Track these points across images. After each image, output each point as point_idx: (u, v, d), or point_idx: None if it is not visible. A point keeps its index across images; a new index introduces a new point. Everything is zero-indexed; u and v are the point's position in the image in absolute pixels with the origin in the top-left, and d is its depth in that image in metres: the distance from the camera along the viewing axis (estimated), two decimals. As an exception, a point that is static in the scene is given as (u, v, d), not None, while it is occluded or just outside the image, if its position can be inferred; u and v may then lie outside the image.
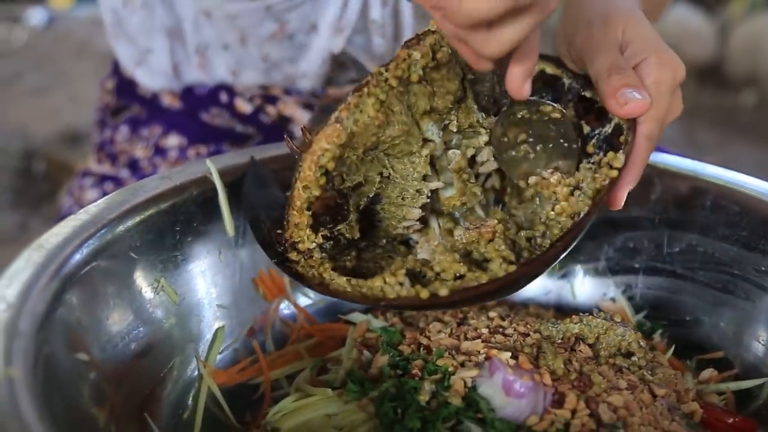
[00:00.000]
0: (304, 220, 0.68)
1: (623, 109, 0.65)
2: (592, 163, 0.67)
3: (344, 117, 0.66)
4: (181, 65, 1.13)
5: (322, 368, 0.76)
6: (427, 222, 0.72)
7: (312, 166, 0.66)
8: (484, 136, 0.71)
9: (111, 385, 0.64)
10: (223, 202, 0.78)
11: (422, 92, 0.69)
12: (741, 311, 0.76)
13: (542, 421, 0.61)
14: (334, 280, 0.66)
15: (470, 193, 0.72)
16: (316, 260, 0.67)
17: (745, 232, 0.76)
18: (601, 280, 0.84)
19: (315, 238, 0.68)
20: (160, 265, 0.73)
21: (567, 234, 0.63)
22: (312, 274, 0.67)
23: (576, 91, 0.70)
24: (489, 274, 0.64)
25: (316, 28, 1.06)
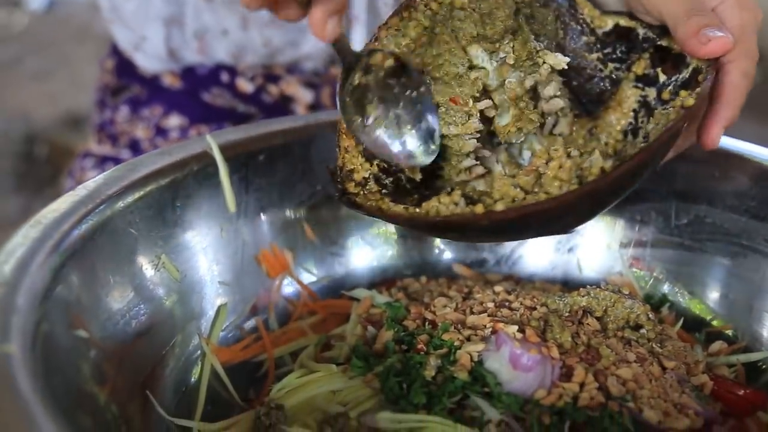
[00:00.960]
0: (352, 143, 0.66)
1: (705, 48, 0.62)
2: (666, 108, 0.65)
3: (383, 36, 0.65)
4: (178, 50, 1.11)
5: (326, 345, 0.76)
6: (491, 169, 0.69)
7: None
8: (545, 67, 0.69)
9: (112, 363, 0.63)
10: (224, 177, 0.76)
11: (468, 17, 0.67)
12: (750, 283, 0.75)
13: (550, 394, 0.60)
14: (391, 208, 0.64)
15: (527, 119, 0.70)
16: (375, 193, 0.66)
17: (754, 202, 0.74)
18: (609, 253, 0.83)
19: (370, 167, 0.66)
20: (160, 241, 0.72)
21: (635, 156, 0.60)
22: (370, 205, 0.65)
23: (652, 41, 0.67)
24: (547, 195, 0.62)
25: None
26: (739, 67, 0.64)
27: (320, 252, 0.84)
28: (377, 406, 0.63)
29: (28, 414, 0.47)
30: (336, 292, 0.82)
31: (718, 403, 0.65)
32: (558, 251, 0.86)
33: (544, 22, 0.69)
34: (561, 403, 0.60)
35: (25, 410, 0.47)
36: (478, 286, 0.77)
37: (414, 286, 0.82)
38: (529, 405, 0.60)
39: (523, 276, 0.86)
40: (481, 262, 0.87)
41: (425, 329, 0.68)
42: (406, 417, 0.60)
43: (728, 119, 0.65)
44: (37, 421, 0.47)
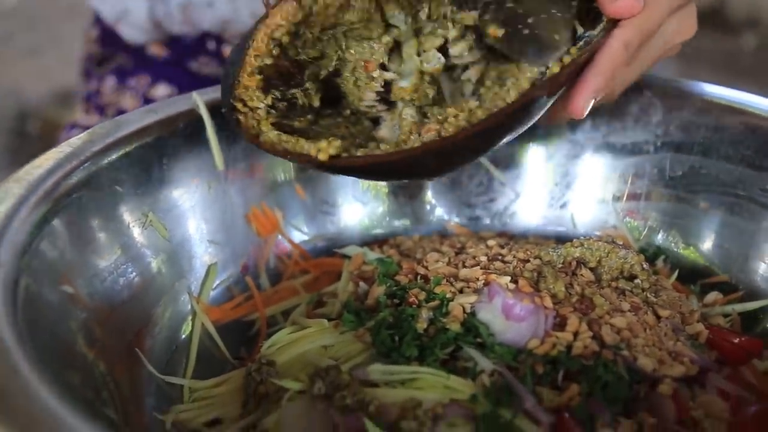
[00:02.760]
0: (253, 84, 0.68)
1: (611, 7, 0.61)
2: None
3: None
4: (163, 22, 1.10)
5: (319, 302, 0.75)
6: (394, 104, 0.71)
7: (265, 38, 0.67)
8: (454, 31, 0.69)
9: (99, 321, 0.62)
10: (212, 135, 0.75)
11: None
12: (746, 233, 0.74)
13: (543, 344, 0.60)
14: (266, 133, 0.66)
15: (422, 93, 0.70)
16: (260, 114, 0.67)
17: (749, 151, 0.73)
18: (603, 207, 0.82)
19: (264, 99, 0.68)
20: (147, 199, 0.71)
21: (482, 121, 0.61)
22: (251, 125, 0.67)
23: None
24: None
25: None
26: (622, 36, 0.62)
27: (311, 210, 0.83)
28: (369, 360, 0.62)
29: (10, 363, 0.46)
30: (328, 251, 0.81)
31: (714, 351, 0.64)
32: (551, 207, 0.85)
33: None
34: (554, 352, 0.59)
35: (7, 359, 0.46)
36: (471, 242, 0.76)
37: (406, 244, 0.81)
38: (522, 355, 0.59)
39: (516, 232, 0.85)
40: (475, 220, 0.86)
41: (417, 283, 0.67)
42: (398, 369, 0.60)
43: (596, 89, 0.62)
44: (20, 371, 0.46)
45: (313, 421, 0.57)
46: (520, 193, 0.86)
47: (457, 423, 0.55)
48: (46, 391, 0.45)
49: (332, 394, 0.57)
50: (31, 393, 0.45)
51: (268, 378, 0.61)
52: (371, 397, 0.57)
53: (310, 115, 0.71)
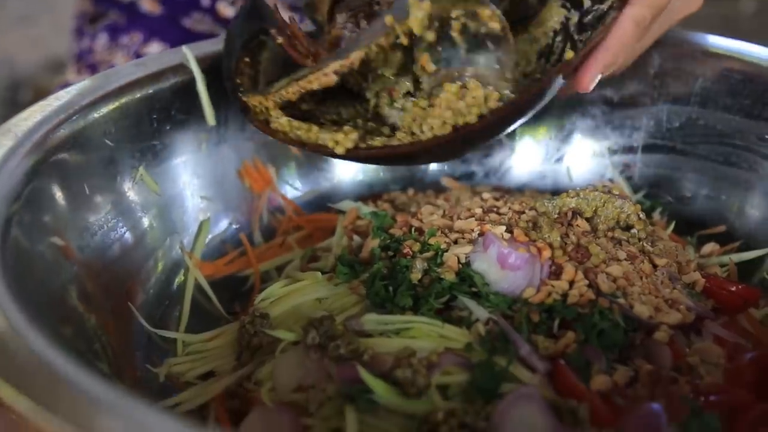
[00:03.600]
0: (270, 105, 0.66)
1: None
2: (580, 41, 0.64)
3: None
4: None
5: (313, 257, 0.74)
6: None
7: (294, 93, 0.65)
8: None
9: (91, 275, 0.61)
10: (202, 90, 0.74)
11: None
12: (743, 182, 0.73)
13: (539, 293, 0.59)
14: (277, 119, 0.65)
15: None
16: (289, 123, 0.66)
17: (747, 100, 0.72)
18: (599, 161, 0.82)
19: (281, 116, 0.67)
20: (137, 154, 0.70)
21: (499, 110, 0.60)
22: (259, 109, 0.66)
23: None
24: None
25: None
26: (633, 14, 0.61)
27: (305, 166, 0.82)
28: (363, 312, 0.62)
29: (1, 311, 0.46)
30: (322, 207, 0.81)
31: (710, 300, 0.63)
32: (547, 161, 0.84)
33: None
34: (550, 300, 0.58)
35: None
36: (466, 195, 0.75)
37: (401, 199, 0.80)
38: (517, 304, 0.59)
39: (512, 187, 0.84)
40: (470, 175, 0.86)
41: (412, 235, 0.66)
42: (392, 318, 0.59)
43: (605, 64, 0.62)
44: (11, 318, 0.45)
45: (307, 371, 0.56)
46: (515, 147, 0.85)
47: (453, 371, 0.55)
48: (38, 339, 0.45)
49: (326, 344, 0.57)
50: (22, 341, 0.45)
51: (262, 330, 0.61)
52: (365, 346, 0.57)
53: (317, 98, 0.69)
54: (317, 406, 0.54)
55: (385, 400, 0.52)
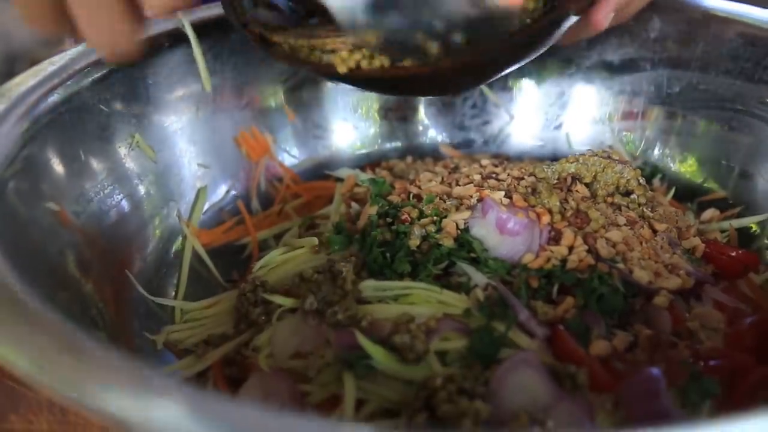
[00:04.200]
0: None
1: None
2: None
3: None
4: None
5: (311, 226, 0.74)
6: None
7: None
8: None
9: (87, 242, 0.61)
10: (198, 56, 0.73)
11: None
12: (745, 147, 0.72)
13: (538, 258, 0.59)
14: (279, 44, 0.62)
15: None
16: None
17: (748, 63, 0.71)
18: (598, 127, 0.81)
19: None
20: (133, 119, 0.69)
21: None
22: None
23: None
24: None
25: None
26: None
27: (302, 134, 0.81)
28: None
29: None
30: (320, 175, 0.80)
31: (710, 265, 0.63)
32: (546, 128, 0.83)
33: None
34: (549, 266, 0.58)
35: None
36: (465, 162, 0.75)
37: (399, 166, 0.80)
38: (516, 269, 0.59)
39: (511, 154, 0.84)
40: (469, 143, 0.85)
41: (410, 202, 0.66)
42: (390, 284, 0.59)
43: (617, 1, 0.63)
44: (7, 283, 0.45)
45: (305, 338, 0.56)
46: (514, 114, 0.84)
47: (451, 337, 0.54)
48: (35, 302, 0.44)
49: (324, 310, 0.56)
50: (19, 304, 0.44)
51: (262, 296, 0.60)
52: (363, 313, 0.56)
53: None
54: (315, 373, 0.54)
55: (384, 366, 0.52)
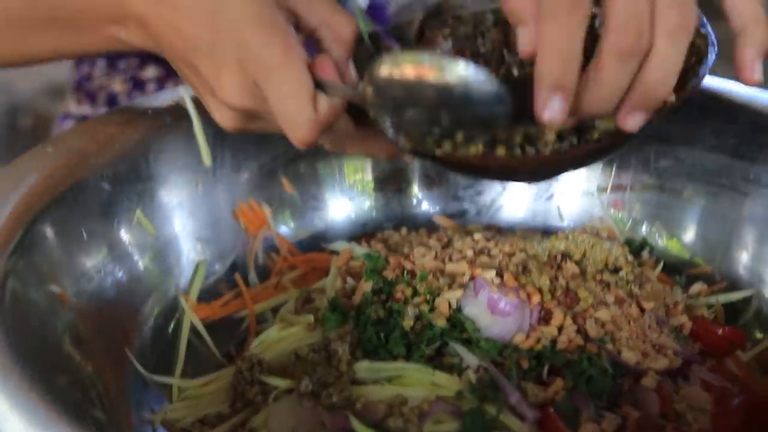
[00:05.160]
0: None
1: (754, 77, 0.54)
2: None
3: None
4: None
5: (307, 299, 0.75)
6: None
7: None
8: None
9: (87, 321, 0.62)
10: (199, 130, 0.75)
11: None
12: (729, 222, 0.74)
13: (528, 338, 0.60)
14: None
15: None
16: None
17: (734, 140, 0.74)
18: (588, 199, 0.83)
19: None
20: (134, 196, 0.71)
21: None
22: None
23: None
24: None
25: None
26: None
27: (299, 206, 0.83)
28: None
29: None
30: (316, 246, 0.82)
31: (697, 343, 0.64)
32: (538, 199, 0.85)
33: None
34: (539, 346, 0.60)
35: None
36: (458, 235, 0.76)
37: (394, 238, 0.81)
38: (507, 349, 0.60)
39: (503, 225, 0.85)
40: (462, 213, 0.87)
41: (404, 279, 0.67)
42: (384, 366, 0.60)
43: (762, 40, 0.54)
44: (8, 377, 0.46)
45: (301, 420, 0.57)
46: (506, 186, 0.86)
47: (443, 419, 0.56)
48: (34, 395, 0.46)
49: (319, 391, 0.57)
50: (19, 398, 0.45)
51: (258, 377, 0.62)
52: (358, 394, 0.57)
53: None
54: (311, 455, 0.55)
55: (377, 450, 0.53)
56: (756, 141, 0.72)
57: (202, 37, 0.54)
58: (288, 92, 0.53)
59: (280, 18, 0.54)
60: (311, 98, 0.53)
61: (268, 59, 0.52)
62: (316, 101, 0.54)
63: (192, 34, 0.54)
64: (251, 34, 0.52)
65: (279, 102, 0.53)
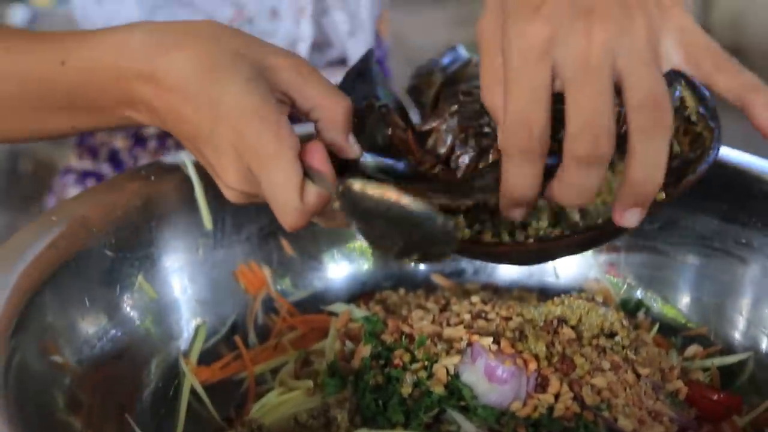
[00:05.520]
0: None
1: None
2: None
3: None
4: None
5: (306, 360, 0.76)
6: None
7: None
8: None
9: (87, 388, 0.63)
10: (200, 194, 0.77)
11: None
12: (722, 285, 0.75)
13: (525, 406, 0.61)
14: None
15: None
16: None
17: (725, 205, 0.75)
18: (584, 260, 0.83)
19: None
20: (136, 262, 0.72)
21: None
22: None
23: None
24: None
25: (277, 13, 1.04)
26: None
27: (298, 266, 0.84)
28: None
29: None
30: (315, 307, 0.82)
31: (693, 408, 0.65)
32: (535, 259, 0.86)
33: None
34: (536, 414, 0.60)
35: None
36: (456, 298, 0.77)
37: (392, 299, 0.82)
38: (504, 417, 0.61)
39: (501, 285, 0.86)
40: (460, 272, 0.88)
41: (402, 343, 0.68)
42: (382, 433, 0.61)
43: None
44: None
45: (300, 488, 0.57)
46: (503, 246, 0.87)
47: (441, 488, 0.56)
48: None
49: (318, 460, 0.58)
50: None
51: (257, 444, 0.62)
52: (357, 462, 0.58)
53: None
54: None
55: None
56: (747, 207, 0.73)
57: (203, 123, 0.57)
58: (277, 182, 0.56)
59: (274, 108, 0.57)
60: (298, 189, 0.56)
61: (260, 150, 0.55)
62: (304, 191, 0.57)
63: (194, 120, 0.57)
64: (246, 125, 0.55)
65: (270, 190, 0.57)
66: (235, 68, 0.57)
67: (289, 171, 0.56)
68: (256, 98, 0.56)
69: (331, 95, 0.61)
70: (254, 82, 0.57)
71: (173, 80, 0.57)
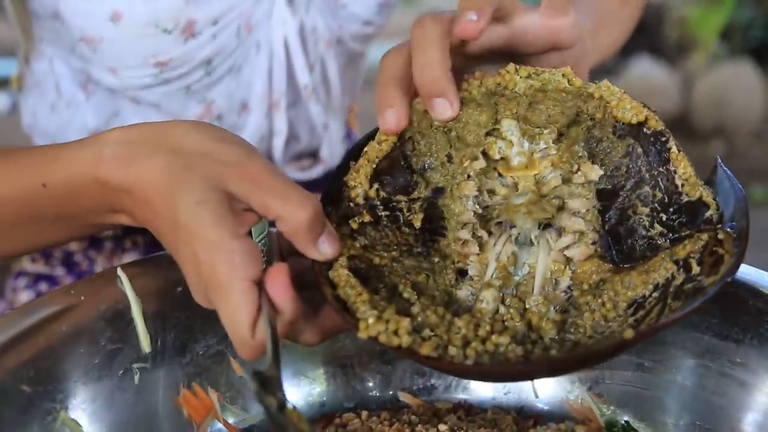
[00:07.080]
0: (368, 170, 0.62)
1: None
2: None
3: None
4: None
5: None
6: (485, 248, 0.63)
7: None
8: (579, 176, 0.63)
9: None
10: (137, 314, 0.70)
11: (519, 100, 0.63)
12: (717, 408, 0.68)
13: None
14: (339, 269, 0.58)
15: (540, 208, 0.62)
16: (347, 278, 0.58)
17: (715, 319, 0.68)
18: (565, 377, 0.76)
19: (369, 190, 0.62)
20: (59, 395, 0.64)
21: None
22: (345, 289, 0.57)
23: (712, 227, 0.58)
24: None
25: (247, 106, 1.00)
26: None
27: (250, 388, 0.76)
28: None
29: None
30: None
31: None
32: (511, 375, 0.79)
33: (608, 150, 0.63)
34: None
35: None
36: (422, 425, 0.69)
37: (353, 423, 0.74)
38: None
39: (474, 403, 0.78)
40: (429, 389, 0.80)
41: (359, 484, 0.60)
42: None
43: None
44: None
45: None
46: (476, 359, 0.80)
47: None
48: None
49: None
50: None
51: None
52: None
53: (395, 251, 0.62)
54: None
55: None
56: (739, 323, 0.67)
57: (170, 239, 0.58)
58: (227, 315, 0.54)
59: (226, 233, 0.54)
60: (249, 325, 0.54)
61: (211, 279, 0.54)
62: (255, 327, 0.54)
63: (165, 234, 0.58)
64: (200, 251, 0.54)
65: (223, 319, 0.55)
66: (185, 188, 0.55)
67: (239, 305, 0.53)
68: (206, 222, 0.54)
69: (292, 203, 0.55)
70: (203, 204, 0.54)
71: (144, 195, 0.58)
